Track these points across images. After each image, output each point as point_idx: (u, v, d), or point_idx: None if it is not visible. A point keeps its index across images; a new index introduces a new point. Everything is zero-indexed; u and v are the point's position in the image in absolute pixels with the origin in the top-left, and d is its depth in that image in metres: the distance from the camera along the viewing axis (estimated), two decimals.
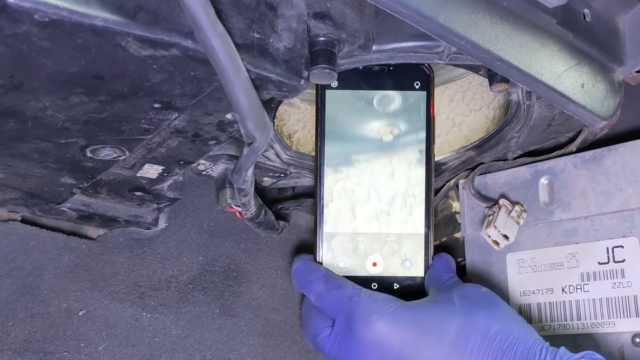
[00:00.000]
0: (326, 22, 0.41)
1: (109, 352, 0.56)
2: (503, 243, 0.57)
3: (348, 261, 0.56)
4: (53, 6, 0.29)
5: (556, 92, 0.47)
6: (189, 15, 0.31)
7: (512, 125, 0.56)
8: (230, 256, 0.63)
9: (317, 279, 0.55)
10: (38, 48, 0.31)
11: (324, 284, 0.54)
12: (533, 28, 0.46)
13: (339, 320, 0.53)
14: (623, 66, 0.51)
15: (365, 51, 0.44)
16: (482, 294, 0.52)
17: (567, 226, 0.56)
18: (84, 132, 0.40)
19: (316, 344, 0.55)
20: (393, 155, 0.57)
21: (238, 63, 0.34)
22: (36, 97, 0.35)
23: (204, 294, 0.61)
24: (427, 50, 0.46)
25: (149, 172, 0.49)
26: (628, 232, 0.52)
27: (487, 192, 0.61)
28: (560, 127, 0.56)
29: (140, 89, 0.36)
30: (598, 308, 0.53)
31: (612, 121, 0.51)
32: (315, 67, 0.41)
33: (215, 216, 0.63)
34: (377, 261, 0.56)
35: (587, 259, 0.54)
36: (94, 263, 0.58)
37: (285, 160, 0.57)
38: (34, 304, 0.55)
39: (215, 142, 0.44)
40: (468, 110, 0.64)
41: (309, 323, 0.56)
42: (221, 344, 0.60)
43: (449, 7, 0.41)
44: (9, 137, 0.40)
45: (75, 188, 0.49)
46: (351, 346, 0.51)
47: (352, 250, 0.56)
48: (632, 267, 0.52)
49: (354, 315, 0.51)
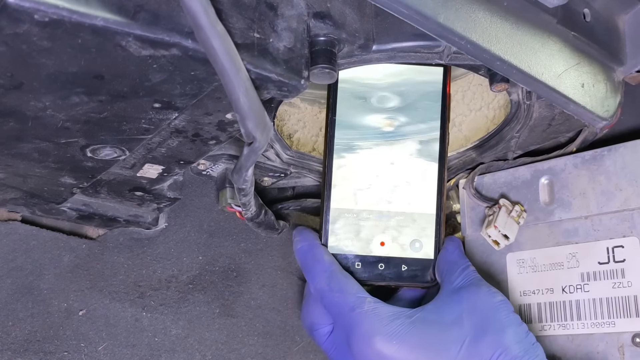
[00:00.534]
0: (326, 21, 0.41)
1: (109, 352, 0.56)
2: (503, 243, 0.57)
3: (355, 240, 0.54)
4: (53, 6, 0.29)
5: (556, 91, 0.47)
6: (189, 15, 0.31)
7: (512, 125, 0.56)
8: (230, 256, 0.63)
9: (320, 272, 0.52)
10: (38, 48, 0.31)
11: (325, 282, 0.51)
12: (533, 28, 0.46)
13: (338, 328, 0.51)
14: (623, 66, 0.51)
15: (365, 51, 0.44)
16: (494, 308, 0.49)
17: (567, 226, 0.56)
18: (84, 132, 0.40)
19: (313, 335, 0.54)
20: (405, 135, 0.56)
21: (238, 63, 0.34)
22: (36, 97, 0.35)
23: (204, 293, 0.61)
24: (427, 50, 0.46)
25: (149, 172, 0.49)
26: (628, 232, 0.52)
27: (487, 192, 0.61)
28: (561, 127, 0.56)
29: (140, 89, 0.36)
30: (598, 308, 0.53)
31: (612, 121, 0.51)
32: (315, 67, 0.41)
33: (216, 216, 0.63)
34: (384, 241, 0.54)
35: (587, 259, 0.54)
36: (94, 263, 0.58)
37: (285, 160, 0.57)
38: (34, 303, 0.55)
39: (216, 141, 0.44)
40: (468, 110, 0.64)
41: (307, 311, 0.54)
42: (221, 343, 0.60)
43: (449, 6, 0.41)
44: (9, 137, 0.40)
45: (75, 188, 0.49)
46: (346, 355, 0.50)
47: (359, 229, 0.54)
48: (632, 267, 0.52)
49: (355, 331, 0.49)
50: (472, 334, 0.48)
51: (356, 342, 0.48)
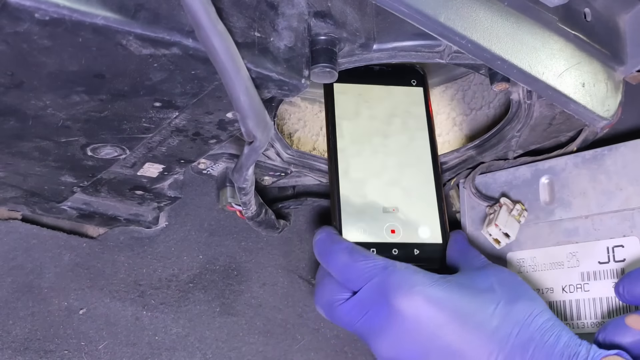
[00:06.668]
0: (327, 21, 0.41)
1: (109, 351, 0.56)
2: (504, 241, 0.57)
3: (368, 228, 0.54)
4: (54, 5, 0.29)
5: (557, 91, 0.47)
6: (189, 14, 0.31)
7: (512, 125, 0.56)
8: (231, 255, 0.63)
9: (341, 249, 0.52)
10: (39, 47, 0.31)
11: (348, 255, 0.51)
12: (534, 27, 0.46)
13: (367, 290, 0.50)
14: (624, 65, 0.51)
15: (366, 50, 0.44)
16: (520, 283, 0.51)
17: (567, 225, 0.56)
18: (84, 131, 0.40)
19: (332, 313, 0.52)
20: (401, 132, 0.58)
21: (239, 62, 0.34)
22: (37, 96, 0.35)
23: (205, 292, 0.61)
24: (428, 49, 0.46)
25: (149, 170, 0.49)
26: (628, 231, 0.52)
27: (488, 191, 0.61)
28: (561, 126, 0.56)
29: (140, 88, 0.36)
30: (598, 307, 0.53)
31: (613, 120, 0.51)
32: (316, 66, 0.41)
33: (216, 215, 0.63)
34: (395, 228, 0.55)
35: (587, 259, 0.54)
36: (94, 262, 0.58)
37: (285, 159, 0.57)
38: (35, 302, 0.55)
39: (216, 141, 0.44)
40: (469, 109, 0.64)
41: (323, 291, 0.53)
42: (222, 342, 0.60)
43: (450, 6, 0.41)
44: (9, 136, 0.40)
45: (76, 187, 0.49)
46: (383, 316, 0.49)
47: (370, 218, 0.55)
48: (633, 266, 0.52)
49: (392, 284, 0.48)
50: (505, 298, 0.48)
51: (395, 294, 0.48)
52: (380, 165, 0.57)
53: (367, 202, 0.55)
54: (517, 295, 0.49)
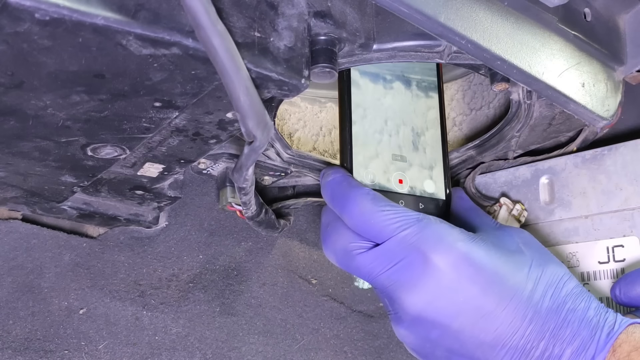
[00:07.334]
0: (327, 21, 0.41)
1: (109, 351, 0.56)
2: None
3: (376, 175, 0.53)
4: (54, 5, 0.29)
5: (557, 91, 0.47)
6: (189, 14, 0.31)
7: (512, 125, 0.56)
8: (231, 255, 0.63)
9: (360, 195, 0.48)
10: (39, 47, 0.31)
11: (371, 202, 0.48)
12: (534, 27, 0.46)
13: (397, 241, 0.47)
14: (623, 65, 0.51)
15: (365, 50, 0.44)
16: (541, 245, 0.51)
17: (567, 225, 0.56)
18: (84, 131, 0.40)
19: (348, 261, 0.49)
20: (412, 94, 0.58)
21: (239, 62, 0.34)
22: (37, 96, 0.35)
23: (205, 292, 0.61)
24: (427, 49, 0.46)
25: (149, 170, 0.49)
26: (628, 231, 0.52)
27: (488, 191, 0.61)
28: (561, 126, 0.56)
29: (140, 88, 0.36)
30: None
31: (613, 120, 0.51)
32: (316, 66, 0.41)
33: (216, 215, 0.63)
34: (402, 179, 0.54)
35: (587, 258, 0.54)
36: (94, 262, 0.58)
37: (285, 159, 0.57)
38: (35, 302, 0.55)
39: (216, 140, 0.44)
40: (468, 109, 0.64)
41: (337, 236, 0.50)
42: (221, 342, 0.60)
43: (450, 6, 0.41)
44: (9, 136, 0.40)
45: (76, 187, 0.49)
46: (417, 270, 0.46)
47: (379, 166, 0.54)
48: (633, 266, 0.52)
49: (431, 238, 0.46)
50: (535, 260, 0.48)
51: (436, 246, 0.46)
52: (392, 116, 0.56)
53: (378, 148, 0.54)
54: (545, 258, 0.49)
